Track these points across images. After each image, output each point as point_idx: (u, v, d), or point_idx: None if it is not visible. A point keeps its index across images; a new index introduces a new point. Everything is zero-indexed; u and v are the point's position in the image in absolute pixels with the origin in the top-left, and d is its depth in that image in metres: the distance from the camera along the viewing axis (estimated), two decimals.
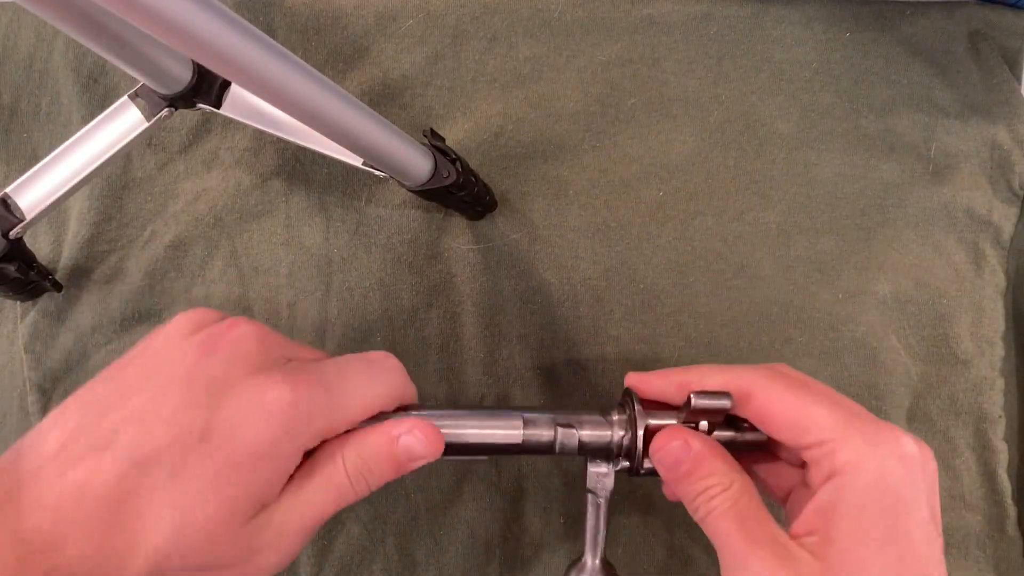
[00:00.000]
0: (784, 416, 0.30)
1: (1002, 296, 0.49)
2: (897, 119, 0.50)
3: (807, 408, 0.30)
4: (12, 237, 0.44)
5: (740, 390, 0.31)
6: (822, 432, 0.29)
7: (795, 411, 0.30)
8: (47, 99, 0.54)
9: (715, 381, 0.32)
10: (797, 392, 0.30)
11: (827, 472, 0.29)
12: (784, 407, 0.30)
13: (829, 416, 0.29)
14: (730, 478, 0.31)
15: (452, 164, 0.43)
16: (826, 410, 0.29)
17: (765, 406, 0.30)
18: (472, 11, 0.52)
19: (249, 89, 0.30)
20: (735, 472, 0.31)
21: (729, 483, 0.31)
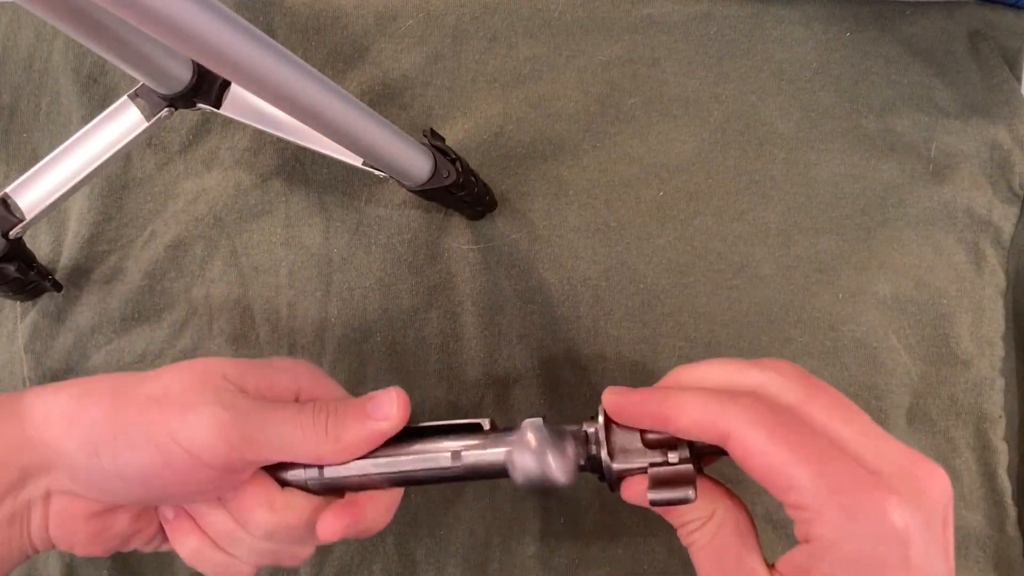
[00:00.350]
0: (762, 469, 0.27)
1: (1002, 296, 0.49)
2: (897, 119, 0.50)
3: (785, 468, 0.27)
4: (12, 237, 0.44)
5: (716, 432, 0.28)
6: (800, 497, 0.26)
7: (772, 468, 0.27)
8: (47, 99, 0.54)
9: (690, 418, 0.29)
10: (778, 444, 0.27)
11: (804, 534, 0.27)
12: (763, 460, 0.27)
13: (810, 481, 0.26)
14: (709, 510, 0.30)
15: (452, 164, 0.43)
16: (807, 472, 0.26)
17: (742, 454, 0.28)
18: (472, 11, 0.52)
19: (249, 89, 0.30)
20: (717, 501, 0.30)
21: (709, 515, 0.30)
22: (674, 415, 0.29)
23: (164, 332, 0.51)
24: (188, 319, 0.51)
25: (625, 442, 0.31)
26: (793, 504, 0.27)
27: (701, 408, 0.29)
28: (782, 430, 0.27)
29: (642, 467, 0.31)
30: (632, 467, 0.31)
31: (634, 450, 0.31)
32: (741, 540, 0.29)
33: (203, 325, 0.51)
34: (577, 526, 0.48)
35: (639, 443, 0.31)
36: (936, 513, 0.27)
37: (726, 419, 0.28)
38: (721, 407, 0.28)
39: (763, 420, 0.28)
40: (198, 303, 0.51)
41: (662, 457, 0.31)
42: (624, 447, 0.31)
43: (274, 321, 0.50)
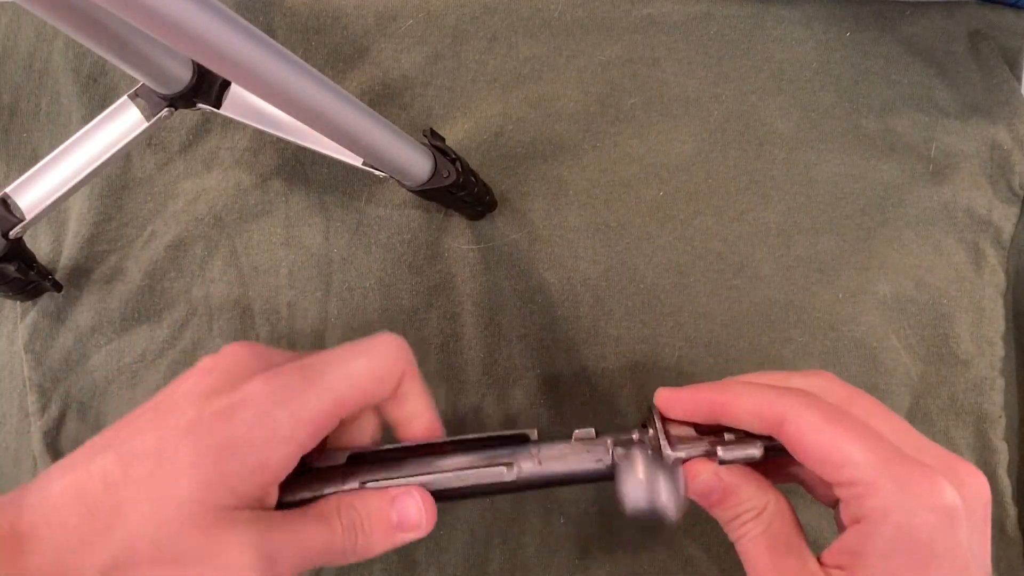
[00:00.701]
0: (816, 450, 0.28)
1: (1002, 296, 0.49)
2: (897, 119, 0.50)
3: (840, 444, 0.28)
4: (12, 237, 0.44)
5: (773, 415, 0.29)
6: (853, 472, 0.27)
7: (827, 446, 0.28)
8: (47, 99, 0.54)
9: (746, 405, 0.30)
10: (833, 424, 0.28)
11: (855, 514, 0.27)
12: (816, 440, 0.28)
13: (863, 456, 0.27)
14: (763, 501, 0.30)
15: (452, 164, 0.43)
16: (861, 448, 0.27)
17: (797, 437, 0.28)
18: (472, 11, 0.52)
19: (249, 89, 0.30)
20: (769, 494, 0.31)
21: (762, 507, 0.30)
22: (731, 401, 0.30)
23: (164, 332, 0.51)
24: (188, 319, 0.51)
25: (680, 433, 0.32)
26: (847, 481, 0.27)
27: (757, 395, 0.30)
28: (834, 413, 0.29)
29: (701, 452, 0.31)
30: (692, 453, 0.31)
31: (689, 438, 0.32)
32: (792, 533, 0.30)
33: (203, 325, 0.51)
34: (577, 526, 0.48)
35: (693, 433, 0.32)
36: (978, 506, 0.27)
37: (782, 403, 0.29)
38: (776, 394, 0.30)
39: (817, 407, 0.29)
40: (198, 303, 0.51)
41: (718, 438, 0.31)
42: (680, 437, 0.32)
43: (274, 321, 0.50)
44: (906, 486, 0.26)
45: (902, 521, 0.26)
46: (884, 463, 0.27)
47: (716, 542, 0.47)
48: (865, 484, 0.27)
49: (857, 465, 0.27)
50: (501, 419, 0.49)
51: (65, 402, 0.50)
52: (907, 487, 0.26)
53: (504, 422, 0.49)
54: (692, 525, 0.47)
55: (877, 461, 0.27)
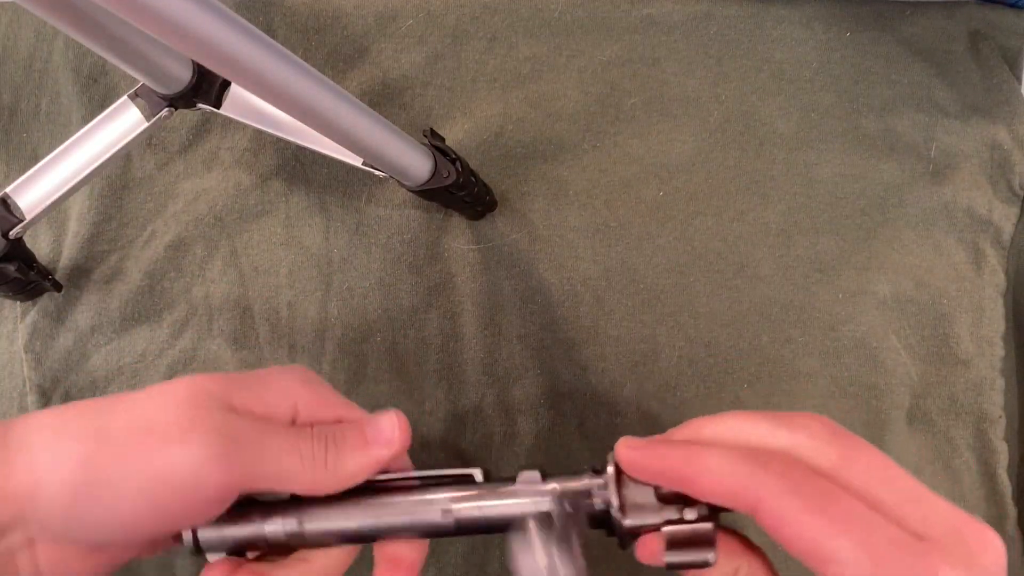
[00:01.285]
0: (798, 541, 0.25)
1: (1002, 296, 0.49)
2: (897, 119, 0.50)
3: (826, 539, 0.24)
4: (12, 237, 0.44)
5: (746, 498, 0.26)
6: (842, 570, 0.24)
7: (810, 540, 0.25)
8: (47, 99, 0.54)
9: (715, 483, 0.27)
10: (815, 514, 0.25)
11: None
12: (798, 531, 0.25)
13: (851, 551, 0.24)
14: (733, 567, 0.28)
15: (452, 164, 0.43)
16: (850, 543, 0.24)
17: (776, 525, 0.25)
18: (472, 11, 0.52)
19: (249, 89, 0.30)
20: (740, 558, 0.28)
21: (732, 573, 0.28)
22: (698, 477, 0.27)
23: (164, 332, 0.51)
24: (188, 319, 0.51)
25: (637, 497, 0.29)
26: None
27: (729, 472, 0.26)
28: (819, 498, 0.25)
29: (656, 524, 0.28)
30: (646, 524, 0.29)
31: (648, 506, 0.29)
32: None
33: (203, 325, 0.51)
34: None
35: (652, 498, 0.29)
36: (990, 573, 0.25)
37: (756, 486, 0.26)
38: (751, 471, 0.26)
39: (797, 487, 0.25)
40: (198, 303, 0.51)
41: (677, 514, 0.28)
42: (636, 502, 0.29)
43: (274, 321, 0.50)
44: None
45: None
46: (875, 560, 0.24)
47: None
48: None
49: (846, 563, 0.24)
50: (501, 419, 0.49)
51: (65, 402, 0.50)
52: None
53: (504, 421, 0.49)
54: None
55: (867, 559, 0.24)
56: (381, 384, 0.49)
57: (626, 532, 0.29)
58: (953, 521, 0.25)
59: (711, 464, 0.27)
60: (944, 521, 0.25)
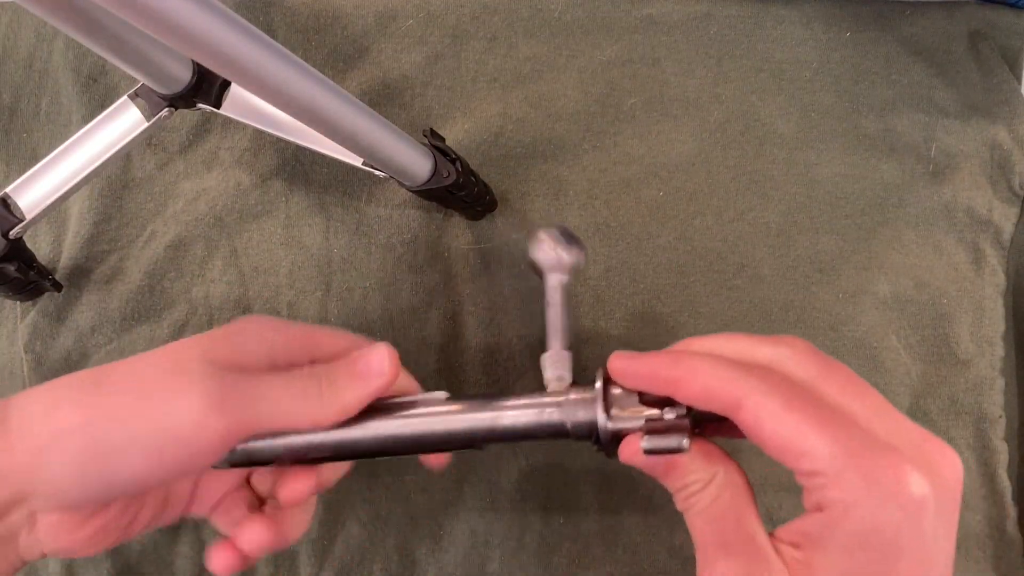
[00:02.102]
0: (774, 439, 0.26)
1: (1002, 296, 0.49)
2: (897, 119, 0.50)
3: (802, 434, 0.26)
4: (12, 237, 0.44)
5: (728, 399, 0.27)
6: (814, 463, 0.26)
7: (786, 435, 0.26)
8: (47, 99, 0.54)
9: (700, 385, 0.28)
10: (793, 411, 0.26)
11: (817, 502, 0.26)
12: (774, 429, 0.26)
13: (826, 446, 0.26)
14: (710, 473, 0.29)
15: (452, 164, 0.43)
16: (823, 438, 0.26)
17: (753, 424, 0.27)
18: (472, 11, 0.52)
19: (249, 89, 0.30)
20: (717, 464, 0.29)
21: (709, 478, 0.29)
22: (684, 379, 0.29)
23: (164, 332, 0.51)
24: (188, 319, 0.51)
25: (622, 402, 0.31)
26: (807, 471, 0.26)
27: (713, 374, 0.28)
28: (797, 399, 0.27)
29: (639, 425, 0.30)
30: (628, 426, 0.30)
31: (631, 409, 0.31)
32: (741, 505, 0.29)
33: (203, 325, 0.51)
34: (577, 526, 0.48)
35: (636, 403, 0.31)
36: (948, 491, 0.26)
37: (739, 386, 0.27)
38: (734, 374, 0.28)
39: (777, 388, 0.27)
40: (198, 303, 0.51)
41: (658, 414, 0.30)
42: (621, 406, 0.31)
43: None
44: (871, 479, 0.25)
45: (866, 516, 0.25)
46: (848, 454, 0.26)
47: None
48: (827, 475, 0.26)
49: (819, 456, 0.26)
50: None
51: None
52: (872, 480, 0.25)
53: None
54: None
55: (840, 452, 0.26)
56: None
57: (610, 434, 0.31)
58: (917, 435, 0.27)
59: (696, 366, 0.28)
60: (909, 434, 0.27)
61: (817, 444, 0.26)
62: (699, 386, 0.28)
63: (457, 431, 0.32)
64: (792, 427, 0.26)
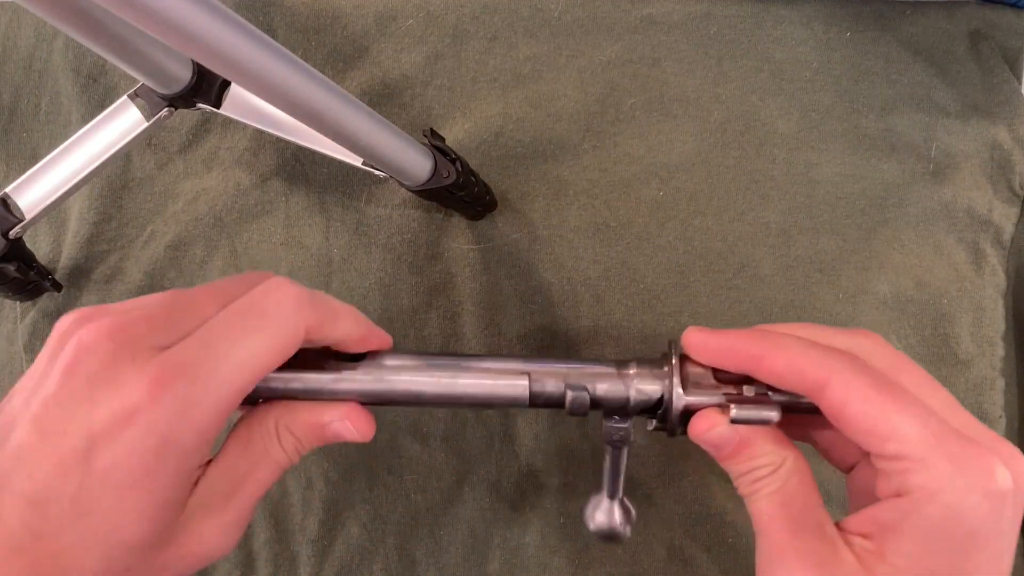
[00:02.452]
0: (861, 419, 0.26)
1: (1002, 296, 0.49)
2: (897, 119, 0.50)
3: (890, 417, 0.25)
4: (12, 237, 0.44)
5: (815, 377, 0.27)
6: (903, 447, 0.25)
7: (874, 416, 0.26)
8: (47, 99, 0.54)
9: (786, 362, 0.27)
10: (881, 393, 0.26)
11: (898, 487, 0.25)
12: (862, 409, 0.26)
13: (914, 430, 0.25)
14: (780, 457, 0.28)
15: (452, 164, 0.43)
16: (913, 422, 0.25)
17: (840, 403, 0.26)
18: (472, 11, 0.52)
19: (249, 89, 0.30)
20: (786, 450, 0.28)
21: (779, 463, 0.28)
22: (769, 355, 0.28)
23: None
24: None
25: (696, 378, 0.30)
26: (892, 454, 0.26)
27: (799, 351, 0.27)
28: (883, 383, 0.26)
29: (716, 401, 0.29)
30: (705, 400, 0.29)
31: (706, 384, 0.30)
32: (809, 492, 0.28)
33: None
34: (577, 526, 0.48)
35: (710, 380, 0.30)
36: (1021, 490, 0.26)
37: (826, 364, 0.27)
38: (820, 352, 0.27)
39: (864, 373, 0.26)
40: None
41: (736, 391, 0.29)
42: (696, 382, 0.30)
43: None
44: (960, 466, 0.25)
45: (951, 503, 0.25)
46: (936, 439, 0.25)
47: (716, 542, 0.47)
48: (914, 460, 0.25)
49: (907, 439, 0.25)
50: (501, 419, 0.49)
51: None
52: (961, 467, 0.25)
53: (504, 421, 0.49)
54: (692, 525, 0.47)
55: (929, 436, 0.25)
56: None
57: (682, 408, 0.29)
58: (990, 434, 0.27)
59: (782, 342, 0.28)
60: (983, 433, 0.26)
61: (906, 427, 0.25)
62: (784, 362, 0.27)
63: (506, 396, 0.32)
64: (880, 408, 0.26)
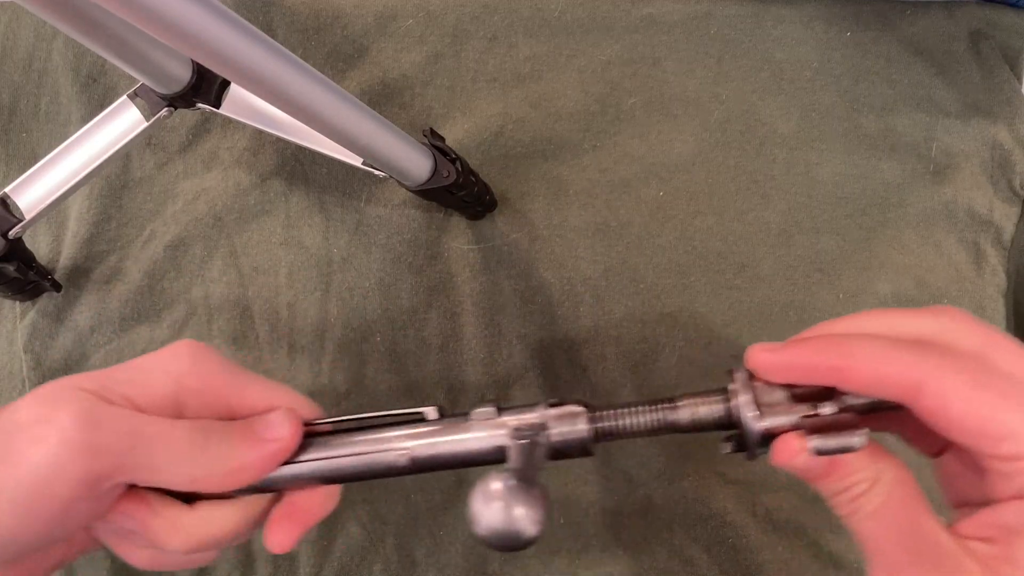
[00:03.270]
0: (967, 423, 0.24)
1: (1003, 296, 0.49)
2: (898, 119, 0.50)
3: (999, 416, 0.23)
4: (11, 237, 0.44)
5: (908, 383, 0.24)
6: (1019, 445, 0.23)
7: (983, 419, 0.23)
8: (47, 99, 0.54)
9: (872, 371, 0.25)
10: (984, 390, 0.23)
11: (1019, 488, 0.23)
12: (968, 410, 0.23)
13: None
14: (875, 470, 0.25)
15: (452, 164, 0.43)
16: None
17: (940, 407, 0.24)
18: (472, 11, 0.52)
19: (249, 89, 0.30)
20: (881, 460, 0.26)
21: (875, 476, 0.25)
22: (850, 367, 0.25)
23: (164, 332, 0.51)
24: (187, 319, 0.51)
25: (769, 398, 0.27)
26: (1008, 455, 0.23)
27: (883, 357, 0.25)
28: (983, 376, 0.24)
29: (793, 422, 0.27)
30: (782, 423, 0.27)
31: (780, 404, 0.27)
32: (915, 503, 0.25)
33: (202, 325, 0.51)
34: (577, 526, 0.48)
35: (782, 398, 0.27)
36: None
37: (917, 367, 0.24)
38: (907, 354, 0.24)
39: (960, 366, 0.24)
40: (197, 303, 0.51)
41: (812, 410, 0.27)
42: (769, 403, 0.27)
43: (273, 321, 0.50)
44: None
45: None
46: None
47: (716, 542, 0.47)
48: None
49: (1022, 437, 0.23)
50: None
51: None
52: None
53: None
54: (692, 525, 0.47)
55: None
56: (381, 384, 0.49)
57: (759, 434, 0.27)
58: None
59: (862, 349, 0.25)
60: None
61: (1018, 424, 0.23)
62: (868, 373, 0.25)
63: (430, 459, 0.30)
64: (987, 408, 0.23)
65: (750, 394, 0.27)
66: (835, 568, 0.46)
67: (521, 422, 0.30)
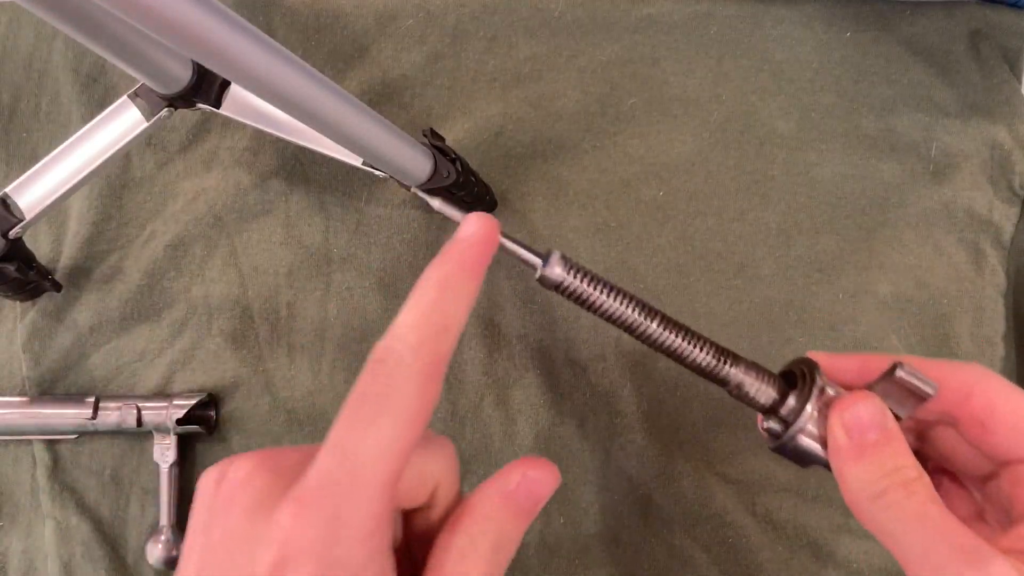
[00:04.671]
0: (1015, 420, 0.24)
1: (1002, 296, 0.49)
2: (897, 119, 0.50)
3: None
4: (12, 237, 0.44)
5: (957, 385, 0.25)
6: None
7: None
8: (47, 99, 0.54)
9: (928, 374, 0.26)
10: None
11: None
12: (1016, 409, 0.24)
13: None
14: (920, 469, 0.25)
15: (452, 164, 0.43)
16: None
17: (988, 408, 0.24)
18: (472, 11, 0.52)
19: (249, 89, 0.30)
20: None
21: (921, 471, 0.25)
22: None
23: (163, 332, 0.51)
24: (187, 319, 0.51)
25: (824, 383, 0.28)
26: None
27: (933, 365, 0.26)
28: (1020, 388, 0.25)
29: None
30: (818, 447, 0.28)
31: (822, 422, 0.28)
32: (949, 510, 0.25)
33: (202, 325, 0.51)
34: (577, 526, 0.48)
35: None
36: None
37: (965, 372, 0.25)
38: (958, 364, 0.26)
39: (1001, 378, 0.25)
40: (197, 303, 0.51)
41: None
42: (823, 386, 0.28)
43: (273, 321, 0.50)
44: None
45: None
46: None
47: (716, 542, 0.47)
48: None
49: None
50: (501, 419, 0.49)
51: None
52: None
53: (504, 421, 0.49)
54: (692, 525, 0.47)
55: None
56: None
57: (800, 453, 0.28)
58: None
59: (915, 359, 0.26)
60: None
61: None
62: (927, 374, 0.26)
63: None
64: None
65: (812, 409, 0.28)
66: (835, 568, 0.46)
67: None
